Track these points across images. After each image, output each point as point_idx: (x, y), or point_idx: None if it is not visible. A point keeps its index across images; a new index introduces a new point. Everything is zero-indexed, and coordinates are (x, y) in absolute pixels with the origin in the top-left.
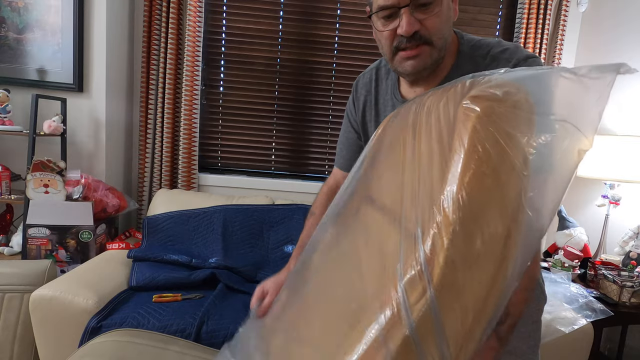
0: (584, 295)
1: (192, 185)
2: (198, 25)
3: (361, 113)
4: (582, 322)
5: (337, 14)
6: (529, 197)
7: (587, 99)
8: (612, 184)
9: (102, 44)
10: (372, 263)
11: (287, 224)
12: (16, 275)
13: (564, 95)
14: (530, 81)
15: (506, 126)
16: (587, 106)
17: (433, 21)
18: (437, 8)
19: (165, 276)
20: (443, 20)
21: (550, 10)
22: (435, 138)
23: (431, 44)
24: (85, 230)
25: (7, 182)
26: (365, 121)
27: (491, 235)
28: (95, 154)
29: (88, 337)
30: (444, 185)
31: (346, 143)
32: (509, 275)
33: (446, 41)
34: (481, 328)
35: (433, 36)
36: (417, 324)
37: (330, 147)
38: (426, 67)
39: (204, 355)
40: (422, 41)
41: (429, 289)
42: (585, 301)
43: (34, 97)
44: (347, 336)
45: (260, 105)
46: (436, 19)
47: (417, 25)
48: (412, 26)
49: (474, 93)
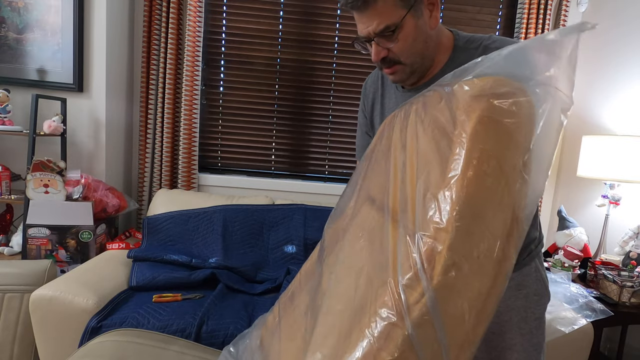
0: (584, 295)
1: (192, 185)
2: (198, 25)
3: (370, 108)
4: (582, 322)
5: (337, 14)
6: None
7: (559, 61)
8: (612, 184)
9: (102, 44)
10: (372, 263)
11: (287, 224)
12: (16, 275)
13: (539, 62)
14: (507, 60)
15: (507, 126)
16: (562, 67)
17: (398, 46)
18: (401, 33)
19: (165, 276)
20: (409, 41)
21: (550, 10)
22: (435, 138)
23: (401, 63)
24: (85, 230)
25: (7, 182)
26: (373, 116)
27: (492, 235)
28: (95, 154)
29: (88, 337)
30: (444, 185)
31: (363, 137)
32: (509, 274)
33: (422, 54)
34: (482, 327)
35: (401, 57)
36: (416, 325)
37: (330, 147)
38: (405, 79)
39: (204, 355)
40: (393, 62)
41: (428, 290)
42: (585, 301)
43: (34, 97)
44: (348, 336)
45: (260, 105)
46: (401, 43)
47: (384, 53)
48: (379, 54)
49: (474, 93)
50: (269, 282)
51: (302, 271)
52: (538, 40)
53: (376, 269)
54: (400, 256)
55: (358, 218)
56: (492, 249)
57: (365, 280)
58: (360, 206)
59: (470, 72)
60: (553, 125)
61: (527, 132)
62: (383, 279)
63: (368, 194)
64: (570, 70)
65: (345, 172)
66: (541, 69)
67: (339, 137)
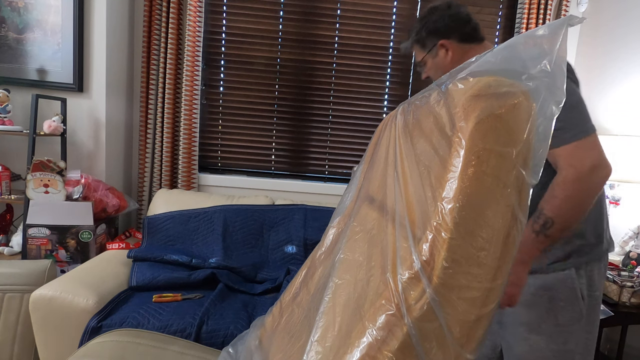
0: None
1: (192, 185)
2: (198, 25)
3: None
4: None
5: (337, 14)
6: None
7: (550, 55)
8: (612, 184)
9: (102, 44)
10: (373, 263)
11: (287, 224)
12: (16, 275)
13: (530, 56)
14: (499, 56)
15: (506, 125)
16: (553, 60)
17: (428, 73)
18: (426, 66)
19: (165, 276)
20: (432, 71)
21: (550, 11)
22: (434, 138)
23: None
24: (85, 230)
25: (7, 182)
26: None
27: (492, 233)
28: (95, 154)
29: (88, 337)
30: (444, 185)
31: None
32: (509, 271)
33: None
34: (483, 326)
35: (434, 79)
36: (416, 324)
37: (330, 147)
38: None
39: (204, 355)
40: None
41: (428, 289)
42: None
43: (34, 97)
44: (349, 335)
45: (260, 105)
46: (429, 71)
47: (425, 75)
48: (424, 75)
49: (473, 92)
50: (269, 282)
51: (303, 270)
52: (528, 35)
53: (376, 267)
54: (400, 255)
55: (358, 217)
56: (492, 247)
57: (366, 280)
58: (360, 205)
59: (465, 70)
60: (549, 118)
61: (526, 130)
62: (384, 279)
63: (368, 194)
64: (561, 62)
65: (345, 172)
66: (533, 63)
67: (339, 137)
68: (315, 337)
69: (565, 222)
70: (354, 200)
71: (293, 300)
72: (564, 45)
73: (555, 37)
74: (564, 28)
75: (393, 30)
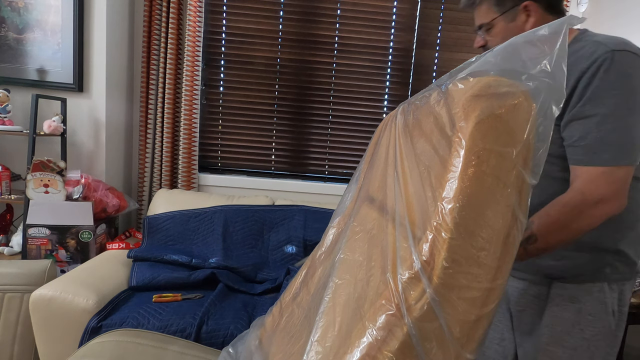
0: None
1: (192, 185)
2: (198, 25)
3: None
4: None
5: (337, 14)
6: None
7: (551, 54)
8: None
9: (102, 44)
10: (373, 263)
11: (287, 225)
12: (16, 275)
13: (531, 56)
14: (500, 56)
15: (506, 125)
16: (553, 59)
17: (491, 41)
18: (492, 31)
19: (165, 276)
20: (499, 39)
21: None
22: (434, 138)
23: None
24: (85, 230)
25: (7, 182)
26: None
27: (492, 233)
28: (95, 154)
29: (88, 337)
30: (444, 184)
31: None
32: (509, 272)
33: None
34: (483, 326)
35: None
36: (417, 324)
37: (330, 147)
38: None
39: (204, 355)
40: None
41: (428, 289)
42: None
43: (34, 97)
44: (349, 335)
45: (260, 105)
46: (493, 39)
47: (481, 42)
48: (477, 43)
49: (474, 92)
50: (269, 282)
51: (303, 270)
52: (528, 35)
53: (376, 267)
54: (400, 255)
55: (358, 217)
56: (492, 247)
57: (365, 278)
58: (360, 205)
59: (465, 70)
60: (549, 118)
61: (526, 130)
62: (383, 277)
63: (368, 194)
64: (561, 62)
65: (345, 172)
66: (533, 63)
67: (339, 137)
68: (315, 337)
69: (546, 244)
70: (354, 200)
71: (293, 300)
72: (564, 45)
73: (556, 37)
74: (564, 28)
75: (393, 30)
